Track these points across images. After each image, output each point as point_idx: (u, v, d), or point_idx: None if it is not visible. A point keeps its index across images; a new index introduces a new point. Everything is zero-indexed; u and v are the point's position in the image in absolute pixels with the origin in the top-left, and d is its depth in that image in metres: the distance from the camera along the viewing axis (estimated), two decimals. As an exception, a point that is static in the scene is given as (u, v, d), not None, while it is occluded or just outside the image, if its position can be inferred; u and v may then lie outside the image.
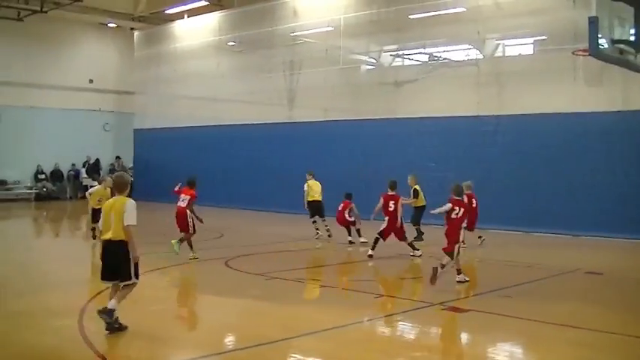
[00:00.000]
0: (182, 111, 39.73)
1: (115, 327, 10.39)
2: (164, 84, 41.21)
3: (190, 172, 37.68)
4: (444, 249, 15.10)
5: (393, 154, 30.05)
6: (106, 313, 10.37)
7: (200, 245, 19.54)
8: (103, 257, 10.69)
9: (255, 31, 36.16)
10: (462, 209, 15.46)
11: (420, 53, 32.71)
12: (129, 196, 10.86)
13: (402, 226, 19.04)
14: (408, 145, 29.79)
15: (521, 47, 31.88)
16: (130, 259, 10.49)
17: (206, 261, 18.22)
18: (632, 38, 13.03)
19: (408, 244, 19.11)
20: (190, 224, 18.12)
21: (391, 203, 18.97)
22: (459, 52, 31.72)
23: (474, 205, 21.08)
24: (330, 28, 34.15)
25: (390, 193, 19.29)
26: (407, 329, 11.97)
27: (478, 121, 28.38)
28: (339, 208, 22.58)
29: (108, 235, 10.50)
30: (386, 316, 12.50)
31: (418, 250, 19.10)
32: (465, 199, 19.31)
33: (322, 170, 29.89)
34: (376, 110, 32.09)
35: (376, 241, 18.98)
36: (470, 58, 30.95)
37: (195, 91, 38.92)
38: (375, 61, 35.76)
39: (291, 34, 35.69)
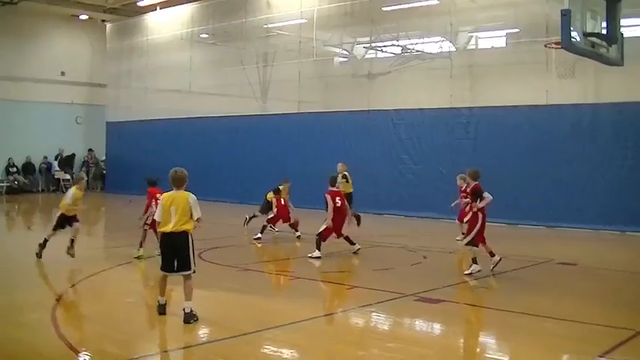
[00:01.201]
0: (155, 104, 39.52)
1: (194, 319, 10.70)
2: (136, 76, 41.01)
3: (163, 164, 37.43)
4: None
5: (366, 146, 30.06)
6: (190, 316, 10.67)
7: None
8: (165, 248, 11.05)
9: (228, 23, 36.06)
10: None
11: (394, 45, 32.77)
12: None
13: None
14: (381, 137, 29.83)
15: (494, 40, 32.08)
16: (192, 249, 10.93)
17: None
18: (604, 31, 13.11)
19: (345, 237, 18.81)
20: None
21: (337, 199, 18.51)
22: (432, 45, 31.83)
23: None
24: (303, 20, 34.10)
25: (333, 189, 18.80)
26: (380, 320, 11.97)
27: (451, 114, 28.44)
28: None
29: (169, 228, 10.77)
30: (358, 307, 12.49)
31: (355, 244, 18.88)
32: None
33: (296, 162, 30.01)
34: (349, 102, 32.14)
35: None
36: (443, 50, 31.07)
37: (167, 83, 38.70)
38: (348, 54, 35.82)
39: (265, 26, 35.62)
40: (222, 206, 31.47)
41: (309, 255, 17.38)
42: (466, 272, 15.18)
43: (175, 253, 10.89)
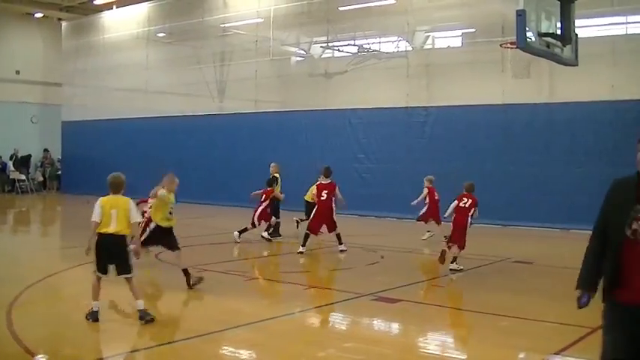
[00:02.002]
0: (111, 103, 39.20)
1: (150, 317, 10.76)
2: (93, 75, 40.61)
3: (120, 164, 37.27)
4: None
5: (323, 145, 30.12)
6: (145, 314, 10.77)
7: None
8: (102, 250, 10.97)
9: (185, 22, 35.92)
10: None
11: (350, 45, 32.83)
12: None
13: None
14: (338, 137, 29.91)
15: (450, 39, 32.27)
16: (129, 252, 11.09)
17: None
18: (559, 31, 13.21)
19: (337, 235, 18.98)
20: None
21: (324, 192, 18.66)
22: (389, 44, 31.94)
23: (436, 198, 21.19)
24: (260, 20, 34.09)
25: (324, 181, 18.98)
26: (338, 320, 12.02)
27: (407, 113, 28.58)
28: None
29: (110, 230, 10.80)
30: (317, 307, 12.53)
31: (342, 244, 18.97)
32: (426, 192, 19.79)
33: (253, 161, 29.97)
34: (306, 101, 32.18)
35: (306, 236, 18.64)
36: (400, 49, 31.20)
37: (124, 82, 38.43)
38: (305, 53, 35.83)
39: (221, 26, 35.53)
40: (179, 206, 31.30)
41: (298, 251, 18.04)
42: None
43: (113, 255, 10.92)
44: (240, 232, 20.40)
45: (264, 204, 20.77)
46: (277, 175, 22.19)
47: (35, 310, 11.70)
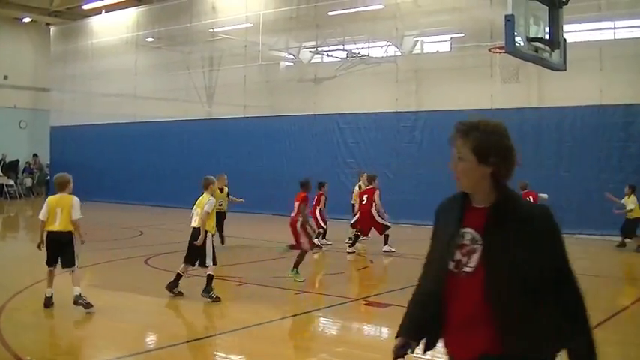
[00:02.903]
0: (100, 108, 39.12)
1: (86, 303, 11.57)
2: (81, 80, 40.54)
3: (108, 169, 37.51)
4: None
5: (312, 150, 30.16)
6: (79, 297, 11.59)
7: (119, 244, 19.36)
8: (50, 246, 11.87)
9: (174, 27, 35.91)
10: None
11: (339, 50, 32.79)
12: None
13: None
14: (327, 142, 29.96)
15: (439, 44, 32.25)
16: (74, 247, 11.84)
17: (125, 259, 18.04)
18: (547, 36, 13.28)
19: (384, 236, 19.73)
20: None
21: (364, 197, 19.59)
22: (378, 49, 31.90)
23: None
24: (249, 25, 34.07)
25: (369, 187, 20.07)
26: (328, 325, 12.03)
27: (397, 118, 28.67)
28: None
29: (55, 227, 11.70)
30: (307, 312, 12.53)
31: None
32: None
33: (242, 167, 29.97)
34: (295, 107, 32.21)
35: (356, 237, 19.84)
36: (388, 54, 31.19)
37: (113, 87, 38.33)
38: (294, 58, 35.78)
39: (210, 31, 35.53)
40: (168, 211, 31.32)
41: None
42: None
43: (59, 250, 11.76)
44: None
45: (319, 207, 20.56)
46: (226, 187, 21.74)
47: (24, 317, 11.67)
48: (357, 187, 22.35)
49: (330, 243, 20.95)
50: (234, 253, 19.98)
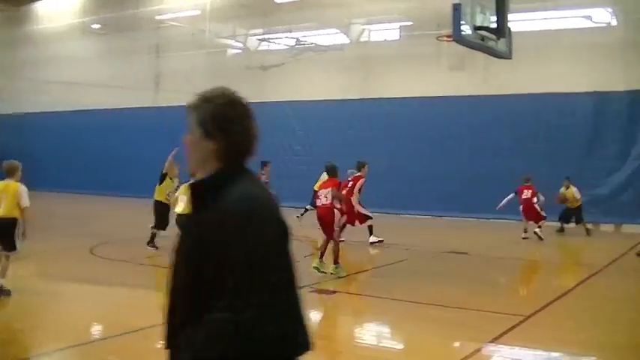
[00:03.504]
0: (45, 95, 38.60)
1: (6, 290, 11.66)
2: (26, 67, 39.99)
3: (55, 157, 37.07)
4: None
5: (261, 137, 30.05)
6: (2, 291, 11.62)
7: (64, 233, 19.17)
8: None
9: (120, 14, 35.63)
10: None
11: (287, 37, 32.78)
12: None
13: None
14: (274, 129, 29.89)
15: (387, 32, 32.30)
16: (18, 233, 11.83)
17: (70, 249, 17.86)
18: (493, 25, 13.39)
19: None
20: None
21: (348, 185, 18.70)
22: (326, 37, 31.95)
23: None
24: (196, 12, 33.96)
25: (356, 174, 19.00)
26: (275, 312, 12.00)
27: (344, 105, 28.73)
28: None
29: None
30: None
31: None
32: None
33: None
34: (243, 94, 31.95)
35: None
36: (337, 42, 31.26)
37: (58, 75, 37.80)
38: (241, 45, 35.68)
39: (157, 17, 35.30)
40: (116, 200, 31.12)
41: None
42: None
43: (2, 235, 11.76)
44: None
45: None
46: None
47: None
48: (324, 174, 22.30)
49: None
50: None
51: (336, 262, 14.01)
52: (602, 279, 15.17)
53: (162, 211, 17.51)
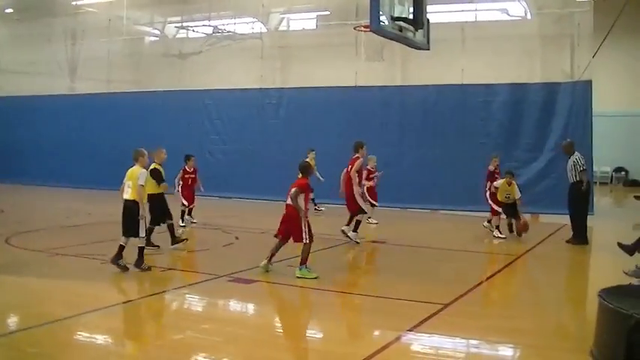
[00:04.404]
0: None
1: None
2: None
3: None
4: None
5: (177, 126, 29.92)
6: None
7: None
8: None
9: (35, -1, 35.04)
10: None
11: (205, 25, 32.67)
12: None
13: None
14: (192, 118, 29.78)
15: (305, 22, 32.42)
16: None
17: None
18: (411, 16, 13.49)
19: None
20: None
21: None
22: (244, 25, 31.92)
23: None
24: (113, -2, 33.63)
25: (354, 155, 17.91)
26: (194, 302, 11.99)
27: (262, 94, 28.76)
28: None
29: None
30: (172, 289, 12.46)
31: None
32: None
33: (106, 143, 29.52)
34: (160, 82, 31.90)
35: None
36: (254, 31, 31.24)
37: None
38: (159, 33, 35.45)
39: (73, 3, 34.87)
40: (31, 189, 30.62)
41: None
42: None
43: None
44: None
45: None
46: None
47: None
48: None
49: (195, 221, 20.77)
50: (97, 231, 19.65)
51: (303, 263, 13.31)
52: (521, 267, 15.48)
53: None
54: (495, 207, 19.17)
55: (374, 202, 21.36)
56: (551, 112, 24.49)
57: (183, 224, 19.88)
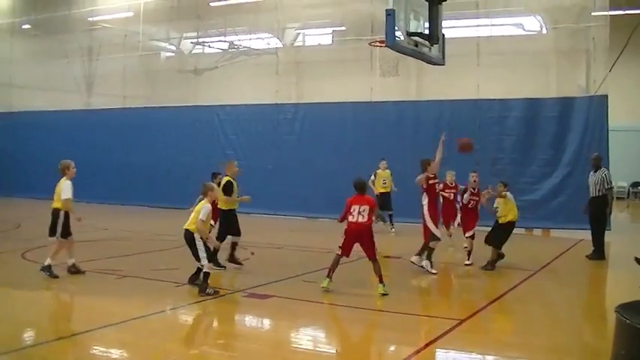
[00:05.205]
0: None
1: None
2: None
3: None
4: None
5: (192, 141, 29.98)
6: None
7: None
8: None
9: (52, 15, 35.18)
10: None
11: (221, 41, 32.78)
12: None
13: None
14: (207, 133, 29.81)
15: (320, 37, 32.49)
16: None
17: (1, 253, 17.62)
18: (427, 31, 13.48)
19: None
20: None
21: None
22: (259, 41, 32.00)
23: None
24: (129, 14, 33.75)
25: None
26: (209, 317, 11.99)
27: (277, 109, 28.78)
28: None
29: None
30: (188, 304, 12.45)
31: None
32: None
33: (120, 159, 29.61)
34: (176, 98, 31.98)
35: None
36: (270, 46, 31.32)
37: (-14, 76, 37.25)
38: (175, 48, 35.58)
39: (90, 19, 35.00)
40: (47, 204, 30.64)
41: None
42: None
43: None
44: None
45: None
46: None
47: None
48: (373, 176, 22.60)
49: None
50: (112, 246, 19.69)
51: (380, 281, 13.19)
52: (537, 282, 15.41)
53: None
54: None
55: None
56: (567, 127, 24.40)
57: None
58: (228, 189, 15.71)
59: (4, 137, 36.30)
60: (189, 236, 12.95)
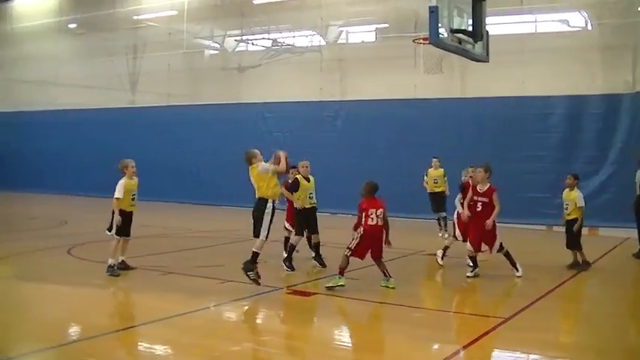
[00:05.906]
0: (20, 95, 38.43)
1: None
2: (2, 66, 39.76)
3: (29, 158, 36.81)
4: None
5: (235, 139, 30.06)
6: None
7: (41, 234, 19.07)
8: None
9: (97, 13, 35.47)
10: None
11: (264, 39, 32.82)
12: None
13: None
14: (251, 131, 29.86)
15: (363, 34, 32.42)
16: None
17: (48, 249, 17.80)
18: (470, 28, 13.42)
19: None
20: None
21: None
22: (303, 38, 32.02)
23: None
24: (173, 12, 33.96)
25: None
26: (252, 314, 12.03)
27: (321, 107, 28.82)
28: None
29: None
30: (232, 301, 12.48)
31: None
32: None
33: (164, 156, 29.78)
34: (219, 95, 32.10)
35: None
36: (313, 44, 31.34)
37: (34, 74, 37.56)
38: (218, 46, 35.70)
39: (134, 17, 35.26)
40: (91, 200, 30.95)
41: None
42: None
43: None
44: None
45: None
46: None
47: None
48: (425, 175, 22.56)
49: None
50: (157, 243, 19.81)
51: (386, 275, 13.46)
52: (581, 281, 15.28)
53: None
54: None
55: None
56: (613, 123, 24.15)
57: None
58: (292, 186, 15.82)
59: (51, 134, 36.62)
60: (262, 204, 13.33)
